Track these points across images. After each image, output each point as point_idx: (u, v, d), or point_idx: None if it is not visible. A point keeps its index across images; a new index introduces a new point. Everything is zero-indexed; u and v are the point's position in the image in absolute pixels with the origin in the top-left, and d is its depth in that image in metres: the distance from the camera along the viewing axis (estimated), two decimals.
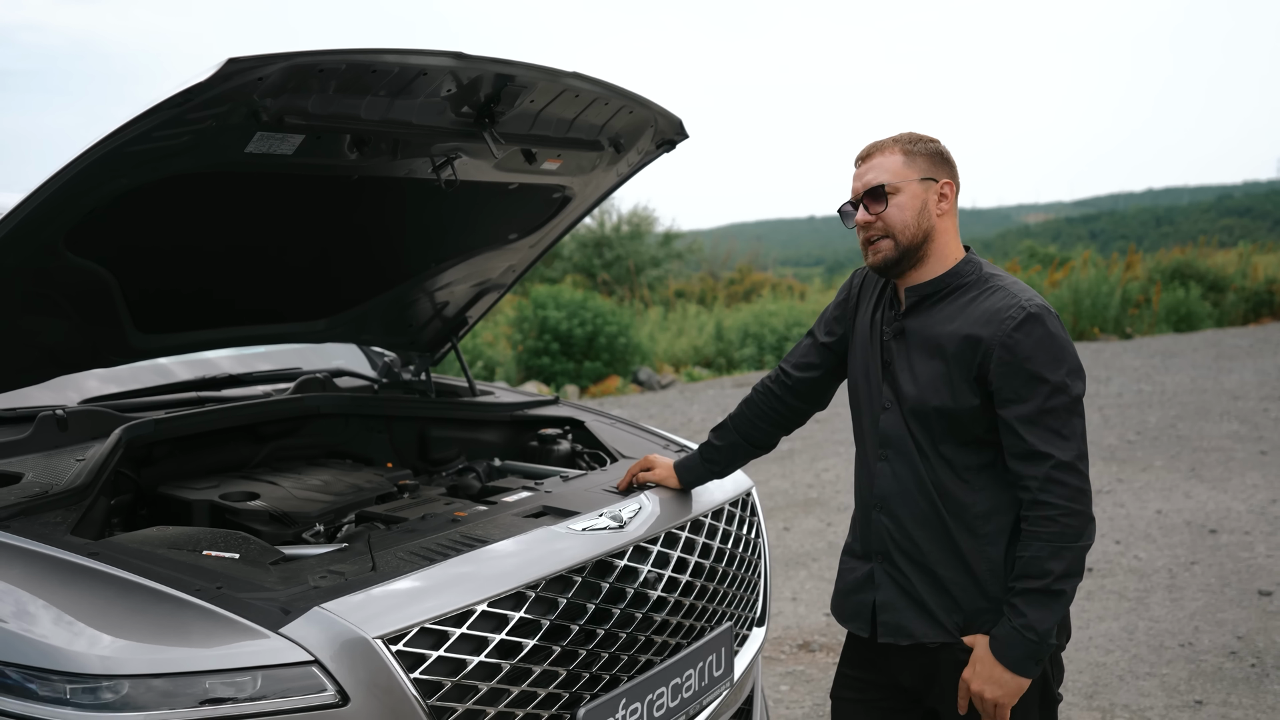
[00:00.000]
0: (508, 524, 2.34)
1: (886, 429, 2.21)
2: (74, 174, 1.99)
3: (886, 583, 2.22)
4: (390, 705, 1.85)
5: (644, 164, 3.09)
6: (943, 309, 2.16)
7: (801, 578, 5.52)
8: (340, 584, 1.98)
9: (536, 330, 13.57)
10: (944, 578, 2.15)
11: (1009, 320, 2.05)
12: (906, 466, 2.18)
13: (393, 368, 3.72)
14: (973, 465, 2.13)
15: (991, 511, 2.11)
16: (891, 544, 2.20)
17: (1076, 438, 2.03)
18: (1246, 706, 3.90)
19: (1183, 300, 16.84)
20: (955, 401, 2.10)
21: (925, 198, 2.15)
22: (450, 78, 2.30)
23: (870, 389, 2.26)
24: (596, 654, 2.17)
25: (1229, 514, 6.33)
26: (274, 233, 2.75)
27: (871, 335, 2.27)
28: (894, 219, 2.14)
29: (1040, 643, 2.02)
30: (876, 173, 2.16)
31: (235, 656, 1.80)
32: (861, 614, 2.27)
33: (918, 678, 2.23)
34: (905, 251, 2.15)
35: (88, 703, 1.73)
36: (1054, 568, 2.00)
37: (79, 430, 2.66)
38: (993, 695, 2.06)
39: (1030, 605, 2.02)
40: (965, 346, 2.08)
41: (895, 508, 2.19)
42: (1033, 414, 2.02)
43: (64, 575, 1.95)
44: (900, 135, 2.20)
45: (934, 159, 2.17)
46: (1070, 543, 2.00)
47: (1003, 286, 2.13)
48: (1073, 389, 2.03)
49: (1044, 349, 2.02)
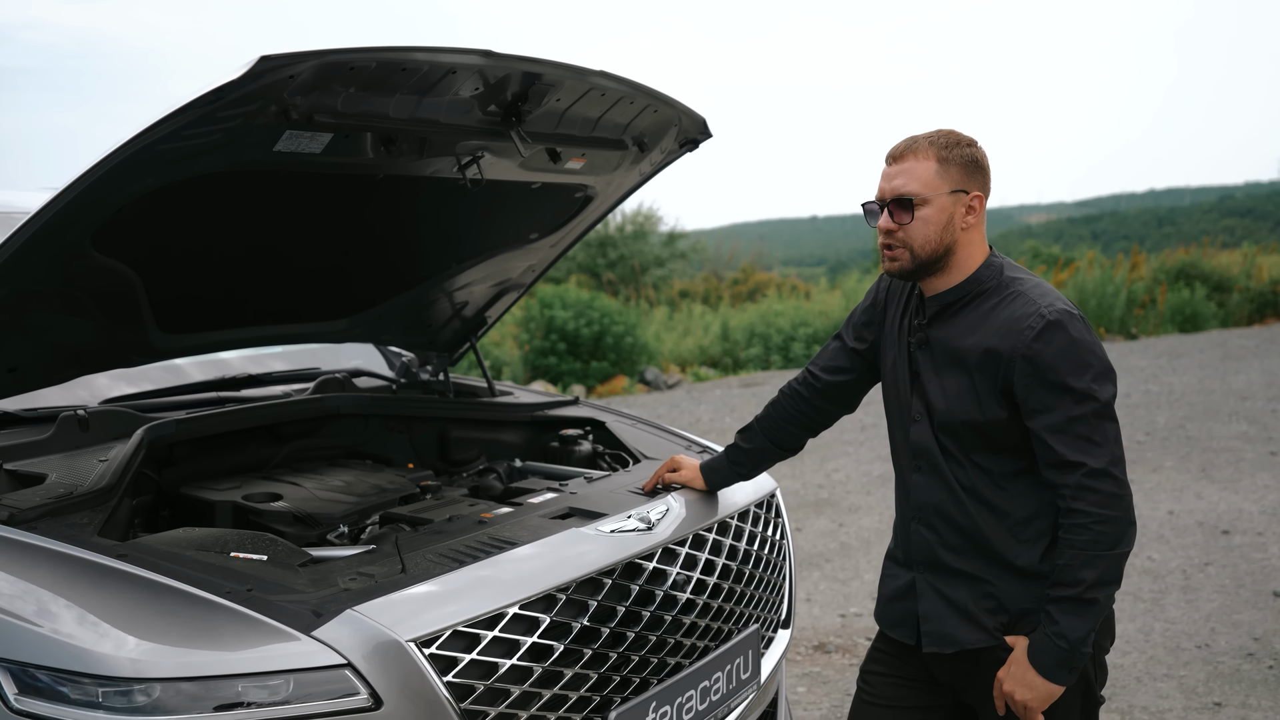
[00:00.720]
0: (535, 526, 2.33)
1: (918, 441, 2.18)
2: (103, 173, 1.97)
3: (928, 592, 2.20)
4: (423, 709, 1.84)
5: (666, 163, 3.07)
6: (964, 318, 2.12)
7: (815, 579, 5.50)
8: (371, 586, 1.97)
9: (543, 330, 13.55)
10: (987, 582, 2.12)
11: (1028, 330, 2.01)
12: (940, 477, 2.15)
13: (411, 368, 3.71)
14: (1009, 472, 2.10)
15: (1031, 516, 2.09)
16: (932, 553, 2.18)
17: (1109, 443, 1.99)
18: (1266, 709, 3.89)
19: (1188, 301, 16.82)
20: (983, 415, 2.07)
21: (953, 211, 2.08)
22: (478, 76, 2.28)
23: (901, 400, 2.23)
24: (626, 657, 2.16)
25: (1241, 515, 6.31)
26: (296, 233, 2.74)
27: (899, 344, 2.24)
28: (916, 233, 2.08)
29: (1072, 651, 2.00)
30: (906, 179, 2.08)
31: (267, 660, 1.79)
32: (906, 622, 2.25)
33: (957, 676, 2.21)
34: (922, 264, 2.11)
35: (119, 706, 1.72)
36: (1086, 576, 1.97)
37: (100, 430, 2.64)
38: (1023, 698, 2.05)
39: (1063, 613, 2.00)
40: (987, 360, 2.05)
41: (933, 518, 2.17)
42: (1061, 423, 1.99)
43: (93, 577, 1.94)
44: (937, 136, 2.11)
45: (968, 168, 2.09)
46: (1104, 550, 1.97)
47: (1022, 292, 2.08)
48: (1100, 394, 1.99)
49: (1066, 357, 1.99)
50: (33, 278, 2.22)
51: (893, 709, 2.29)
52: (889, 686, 2.31)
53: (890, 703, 2.30)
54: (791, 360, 14.66)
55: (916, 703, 2.28)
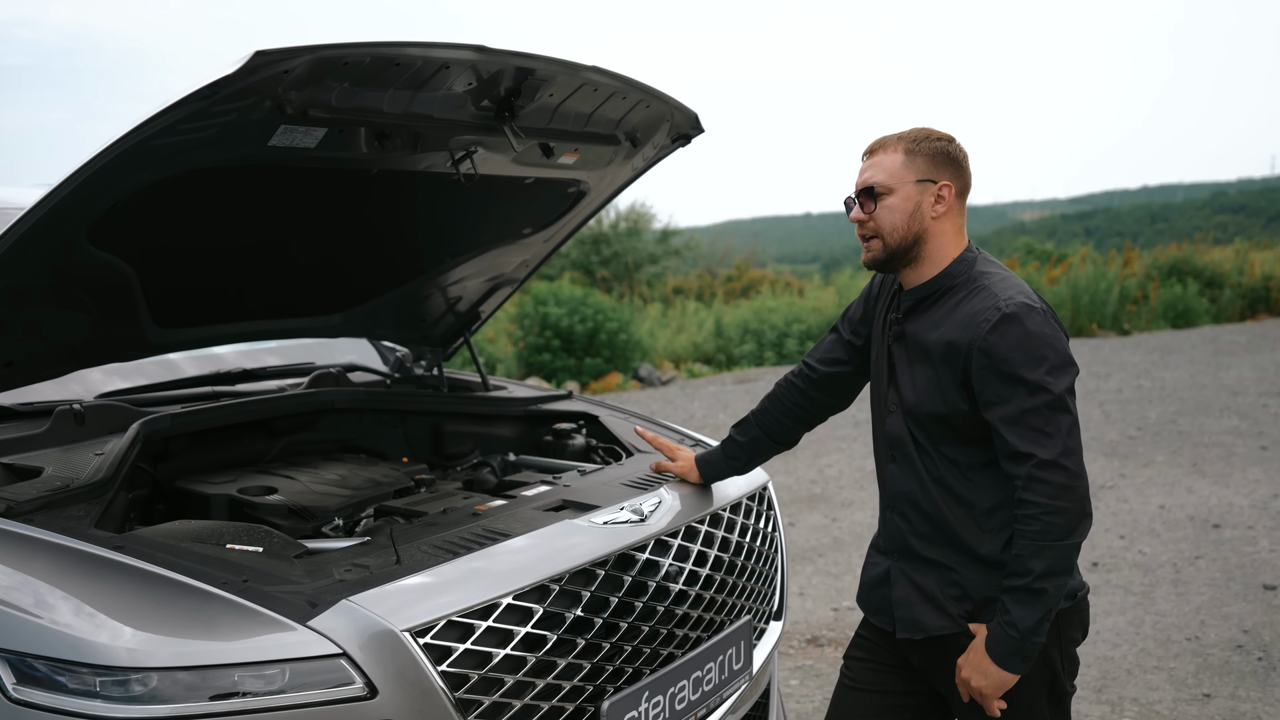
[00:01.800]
0: (529, 518, 2.35)
1: (892, 431, 2.24)
2: (99, 167, 1.98)
3: (901, 580, 2.25)
4: (418, 698, 1.85)
5: (659, 158, 3.09)
6: (934, 312, 2.17)
7: (808, 573, 5.53)
8: (366, 577, 1.99)
9: (537, 327, 13.56)
10: (953, 570, 2.17)
11: (984, 323, 2.05)
12: (912, 467, 2.20)
13: (405, 363, 3.72)
14: (975, 463, 2.14)
15: (995, 506, 2.13)
16: (904, 542, 2.23)
17: (1061, 434, 2.01)
18: (1255, 699, 3.92)
19: (1180, 297, 16.88)
20: (947, 407, 2.12)
21: (919, 200, 2.14)
22: (471, 71, 2.30)
23: (880, 391, 2.29)
24: (619, 647, 2.18)
25: (1231, 509, 6.35)
26: (290, 228, 2.75)
27: (881, 338, 2.30)
28: (883, 220, 2.15)
29: (1023, 640, 2.03)
30: (874, 171, 2.17)
31: (263, 649, 1.80)
32: (884, 609, 2.30)
33: (926, 662, 2.26)
34: (894, 253, 2.17)
35: (117, 695, 1.74)
36: (1034, 566, 2.00)
37: (96, 425, 2.66)
38: (978, 685, 2.09)
39: (1014, 603, 2.03)
40: (948, 352, 2.10)
41: (905, 507, 2.22)
42: (1014, 415, 2.02)
43: (90, 568, 1.95)
44: (908, 132, 2.19)
45: (936, 159, 2.15)
46: (1054, 541, 2.00)
47: (986, 286, 2.12)
48: (1054, 386, 2.01)
49: (1020, 349, 2.02)
50: (29, 272, 2.23)
51: (871, 693, 2.34)
52: (868, 672, 2.35)
53: (869, 687, 2.34)
54: (785, 357, 14.69)
55: (894, 687, 2.32)
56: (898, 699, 2.32)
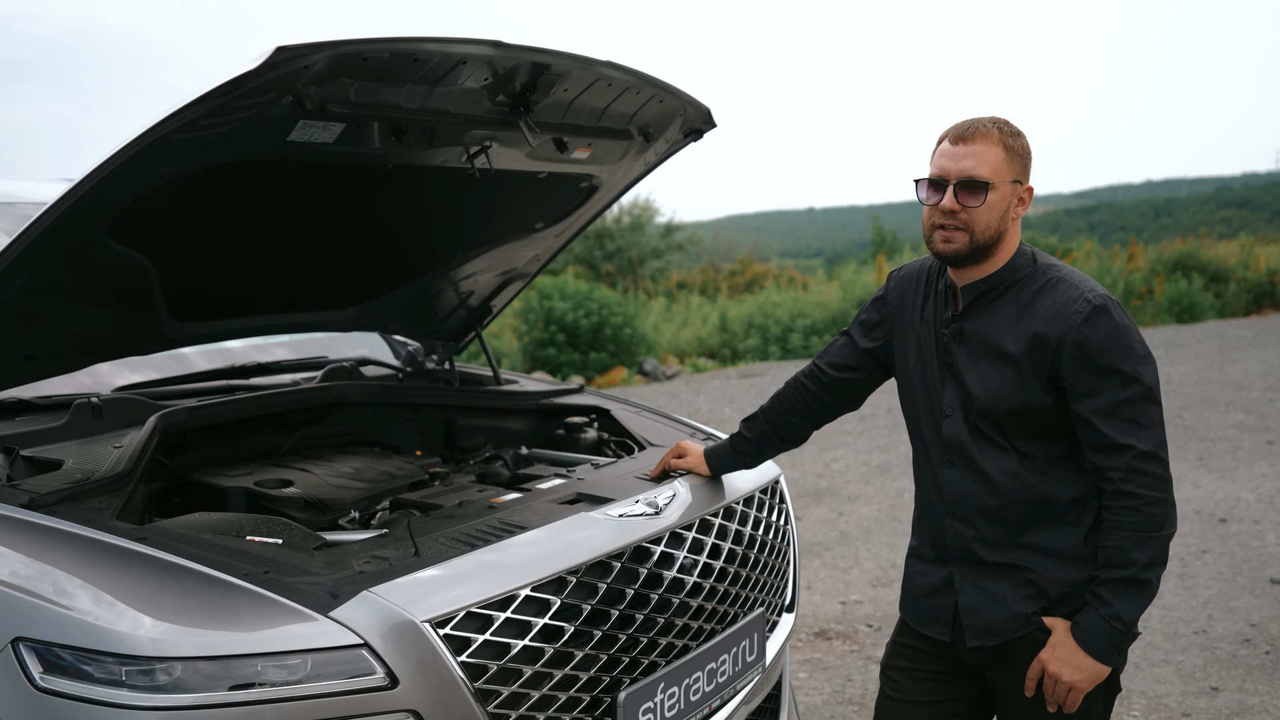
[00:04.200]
0: (544, 510, 2.37)
1: (951, 435, 2.18)
2: (121, 163, 2.00)
3: (968, 587, 2.19)
4: (438, 687, 1.87)
5: (671, 153, 3.10)
6: (1002, 307, 2.12)
7: (815, 567, 5.55)
8: (385, 569, 2.01)
9: (542, 321, 13.58)
10: (1026, 570, 2.13)
11: (1076, 315, 2.02)
12: (974, 470, 2.15)
13: (416, 356, 3.74)
14: (1051, 457, 2.12)
15: (1074, 500, 2.11)
16: (968, 549, 2.18)
17: (1155, 426, 2.01)
18: (1262, 693, 3.94)
19: (1185, 291, 16.88)
20: (1029, 402, 2.08)
21: (1011, 200, 2.09)
22: (488, 67, 2.31)
23: (930, 396, 2.22)
24: (635, 639, 2.19)
25: (1238, 503, 6.36)
26: (306, 222, 2.77)
27: (924, 338, 2.23)
28: (980, 218, 2.06)
29: (1126, 632, 2.03)
30: (977, 162, 2.05)
31: (286, 639, 1.82)
32: (941, 618, 2.24)
33: (985, 656, 2.20)
34: (977, 249, 2.09)
35: (142, 684, 1.76)
36: (1139, 557, 1.99)
37: (113, 418, 2.68)
38: (1070, 678, 2.05)
39: (1116, 595, 2.02)
40: (1034, 346, 2.06)
41: (969, 512, 2.17)
42: (1109, 406, 2.01)
43: (113, 559, 1.97)
44: (1001, 123, 2.10)
45: (1025, 160, 2.10)
46: (1154, 531, 2.00)
47: (1062, 278, 2.10)
48: (1145, 377, 2.01)
49: (1114, 340, 2.01)
50: (51, 266, 2.25)
51: (920, 704, 2.29)
52: (914, 682, 2.30)
53: (918, 698, 2.30)
54: (790, 351, 14.70)
55: (943, 696, 2.29)
56: (949, 706, 2.29)
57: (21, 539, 2.02)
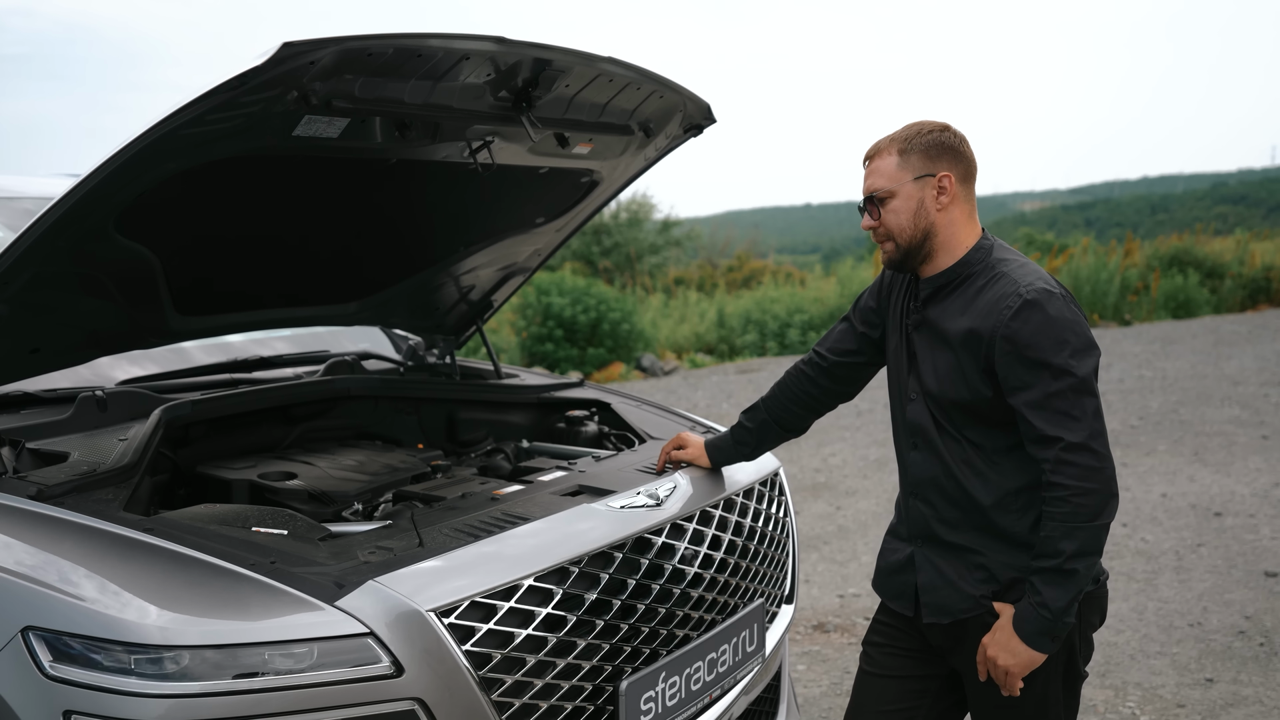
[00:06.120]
0: (546, 502, 2.39)
1: (914, 419, 2.26)
2: (128, 157, 2.02)
3: (927, 566, 2.27)
4: (443, 676, 1.89)
5: (671, 149, 3.12)
6: (954, 300, 2.20)
7: (813, 560, 5.58)
8: (390, 559, 2.03)
9: (540, 317, 13.59)
10: (978, 553, 2.20)
11: (1006, 310, 2.08)
12: (935, 454, 2.23)
13: (417, 351, 3.76)
14: (1000, 447, 2.17)
15: (1021, 488, 2.16)
16: (928, 528, 2.26)
17: (1087, 417, 2.04)
18: (1257, 684, 3.97)
19: (1181, 287, 16.90)
20: (971, 394, 2.15)
21: (921, 196, 2.17)
22: (490, 62, 2.33)
23: (900, 380, 2.32)
24: (637, 629, 2.22)
25: (1233, 497, 6.39)
26: (309, 217, 2.78)
27: (900, 328, 2.32)
28: (890, 224, 2.20)
29: (1054, 620, 2.06)
30: (874, 178, 2.21)
31: (292, 628, 1.84)
32: (905, 594, 2.32)
33: (947, 640, 2.28)
34: (907, 252, 2.21)
35: (151, 672, 1.78)
36: (1065, 547, 2.03)
37: (118, 411, 2.70)
38: (1004, 663, 2.12)
39: (1045, 583, 2.06)
40: (970, 340, 2.13)
41: (929, 493, 2.25)
42: (1039, 399, 2.05)
43: (121, 550, 2.00)
44: (899, 132, 2.22)
45: (930, 152, 2.17)
46: (1083, 522, 2.03)
47: (1006, 273, 2.15)
48: (1078, 369, 2.04)
49: (1044, 334, 2.05)
50: (57, 260, 2.27)
51: (891, 678, 2.37)
52: (888, 657, 2.38)
53: (889, 672, 2.37)
54: (787, 347, 14.72)
55: (914, 671, 2.36)
56: (918, 683, 2.35)
57: (30, 530, 2.04)
